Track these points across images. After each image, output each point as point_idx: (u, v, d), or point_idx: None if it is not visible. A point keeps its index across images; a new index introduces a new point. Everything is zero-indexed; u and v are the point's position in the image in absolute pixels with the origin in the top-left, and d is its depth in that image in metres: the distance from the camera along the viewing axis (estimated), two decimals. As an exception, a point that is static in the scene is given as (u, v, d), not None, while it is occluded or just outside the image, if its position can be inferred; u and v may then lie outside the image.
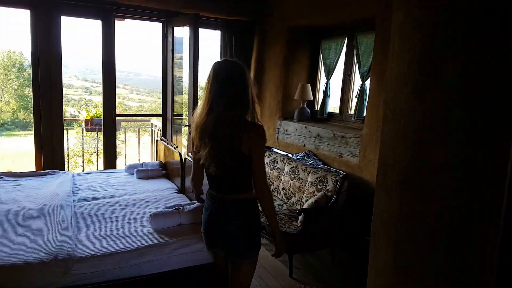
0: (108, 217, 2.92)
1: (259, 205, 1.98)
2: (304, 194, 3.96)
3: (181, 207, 2.82)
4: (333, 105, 4.84)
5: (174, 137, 5.31)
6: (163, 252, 2.47)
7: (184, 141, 5.36)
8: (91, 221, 2.85)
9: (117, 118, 5.01)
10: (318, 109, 4.69)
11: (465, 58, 0.89)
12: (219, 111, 1.83)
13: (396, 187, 1.11)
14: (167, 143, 4.21)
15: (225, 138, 1.83)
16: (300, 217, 3.50)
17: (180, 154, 3.70)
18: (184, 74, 5.30)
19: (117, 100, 5.18)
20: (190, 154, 3.45)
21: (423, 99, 1.00)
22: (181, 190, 3.70)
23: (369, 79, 4.00)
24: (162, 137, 4.70)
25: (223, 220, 1.94)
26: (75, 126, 8.15)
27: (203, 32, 4.72)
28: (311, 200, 3.56)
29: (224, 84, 1.84)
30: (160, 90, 5.45)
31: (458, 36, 0.90)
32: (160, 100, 5.56)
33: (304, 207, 3.51)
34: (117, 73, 4.86)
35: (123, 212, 3.03)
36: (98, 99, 18.62)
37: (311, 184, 3.89)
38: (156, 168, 4.14)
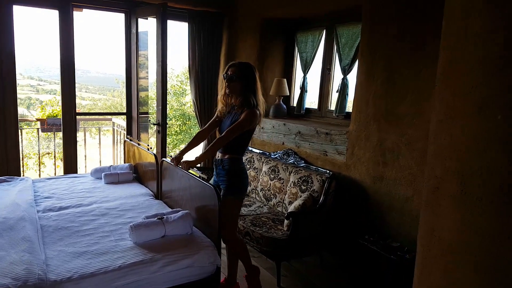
0: (80, 230, 2.55)
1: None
2: (286, 195, 3.76)
3: (165, 217, 2.51)
4: (309, 101, 4.69)
5: (141, 136, 4.94)
6: (149, 271, 2.16)
7: (153, 140, 5.00)
8: (60, 236, 2.47)
9: (77, 117, 4.57)
10: (295, 105, 4.51)
11: None
12: None
13: (489, 199, 0.90)
14: (139, 144, 3.85)
15: None
16: (287, 221, 3.30)
17: (155, 156, 3.37)
18: (150, 69, 4.95)
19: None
20: (172, 154, 3.13)
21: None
22: (158, 196, 3.37)
23: (351, 72, 3.88)
24: (130, 137, 4.32)
25: None
26: (25, 126, 7.52)
27: (168, 24, 4.38)
28: (297, 202, 3.37)
29: None
30: (112, 87, 5.09)
31: None
32: (116, 98, 5.17)
33: (290, 210, 3.30)
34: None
35: (96, 223, 2.67)
36: (46, 98, 17.50)
37: (293, 185, 3.70)
38: (126, 172, 3.77)
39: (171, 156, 2.87)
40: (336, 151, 3.61)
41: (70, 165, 4.40)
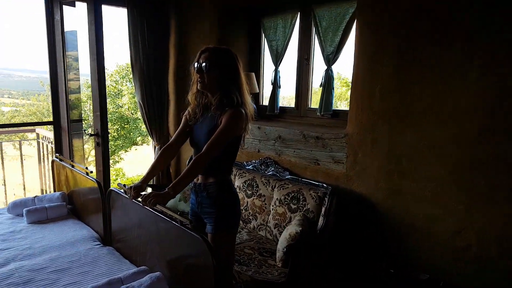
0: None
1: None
2: (270, 216, 3.03)
3: (123, 287, 1.65)
4: (282, 98, 3.97)
5: (75, 151, 3.92)
6: None
7: (91, 157, 4.00)
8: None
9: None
10: (268, 103, 3.75)
11: None
12: None
13: None
14: (73, 166, 2.88)
15: None
16: (280, 254, 2.55)
17: (99, 183, 2.44)
18: (81, 69, 3.97)
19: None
20: (120, 181, 2.23)
21: None
22: (106, 238, 2.44)
23: (336, 62, 3.21)
24: (60, 156, 3.30)
25: None
26: None
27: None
28: (293, 229, 2.60)
29: None
30: (37, 91, 4.04)
31: None
32: (41, 103, 4.13)
33: (286, 242, 2.52)
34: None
35: (14, 302, 1.74)
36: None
37: (279, 203, 2.97)
38: (57, 205, 2.78)
39: (124, 185, 1.99)
40: (331, 159, 2.91)
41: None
